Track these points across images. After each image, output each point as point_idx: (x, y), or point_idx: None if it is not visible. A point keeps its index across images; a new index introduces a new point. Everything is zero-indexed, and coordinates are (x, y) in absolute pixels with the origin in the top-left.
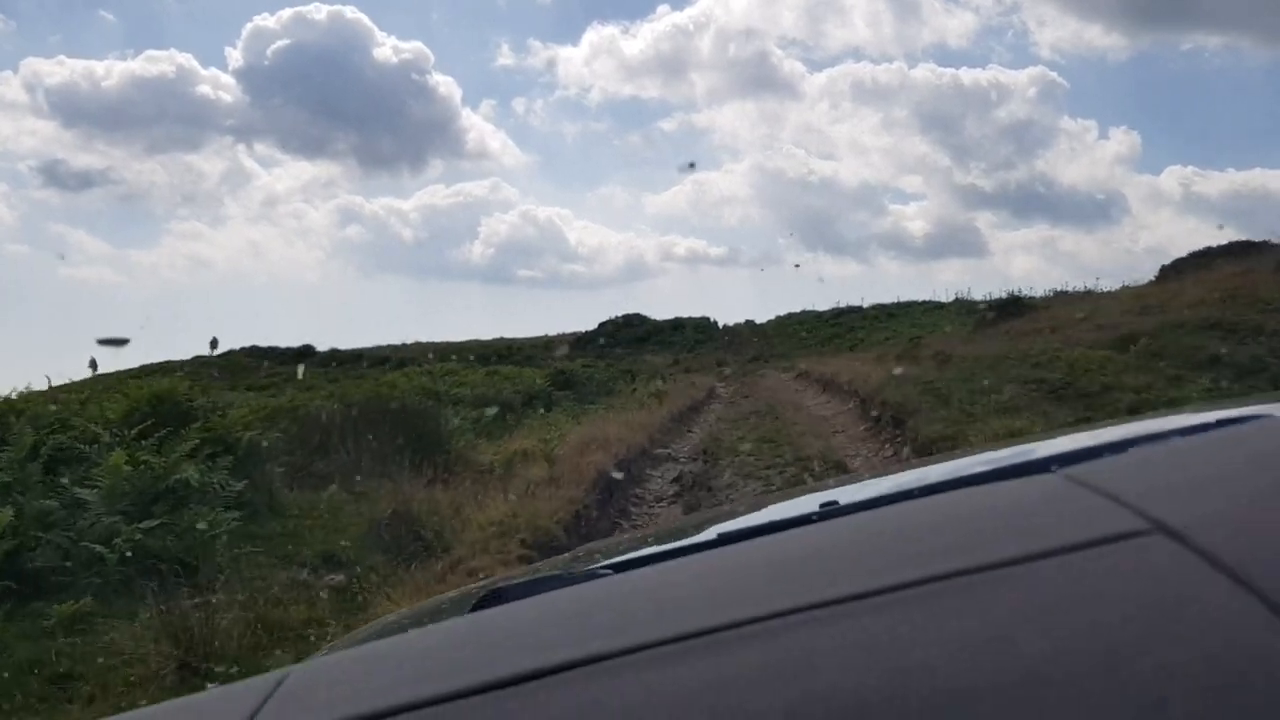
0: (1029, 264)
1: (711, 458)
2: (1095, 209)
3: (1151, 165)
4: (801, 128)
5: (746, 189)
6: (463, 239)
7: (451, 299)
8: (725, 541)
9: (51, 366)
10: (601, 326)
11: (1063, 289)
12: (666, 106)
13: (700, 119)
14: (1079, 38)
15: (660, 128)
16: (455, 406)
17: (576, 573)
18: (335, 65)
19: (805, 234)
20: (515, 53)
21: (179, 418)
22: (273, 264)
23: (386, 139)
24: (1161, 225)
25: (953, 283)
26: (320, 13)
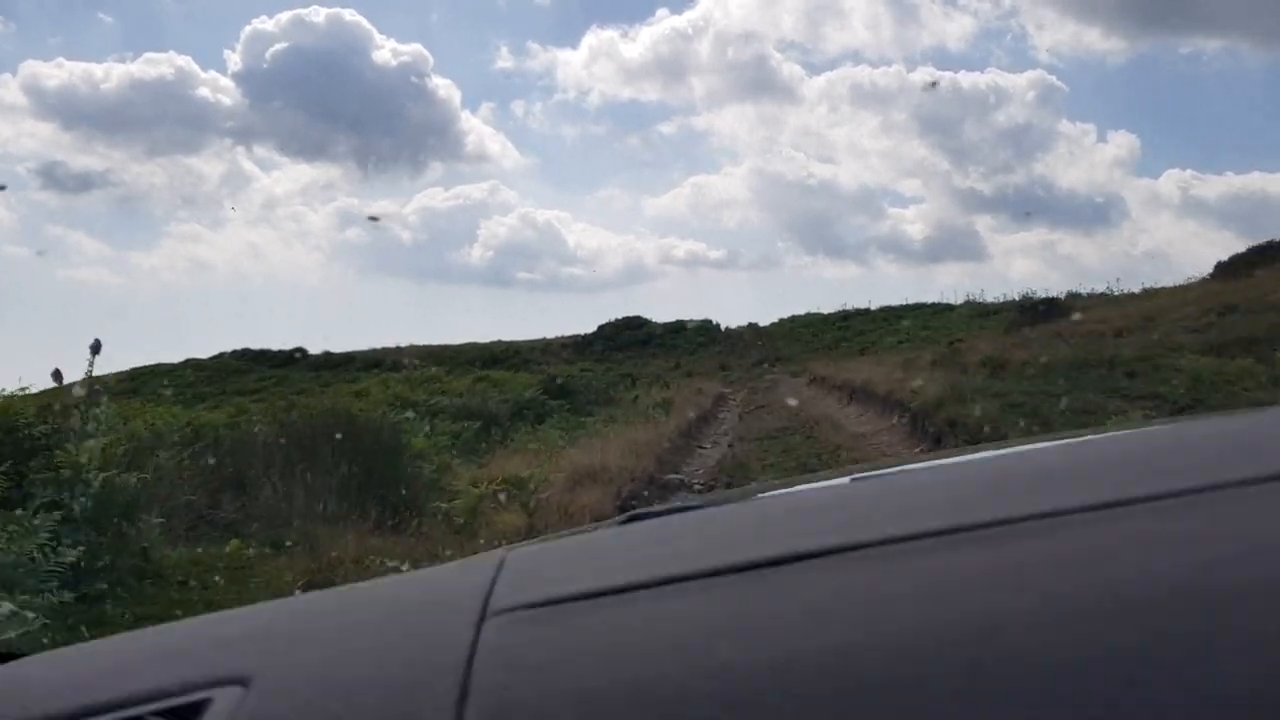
0: (1028, 267)
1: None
2: (1094, 212)
3: (1150, 169)
4: (800, 131)
5: (745, 192)
6: (462, 242)
7: (451, 302)
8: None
9: (51, 368)
10: (601, 329)
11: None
12: (666, 109)
13: (699, 122)
14: (1078, 41)
15: (659, 130)
16: (434, 420)
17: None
18: (334, 68)
19: (804, 237)
20: (514, 55)
21: (19, 452)
22: (272, 266)
23: (386, 141)
24: (1161, 229)
25: (952, 286)
26: (319, 15)
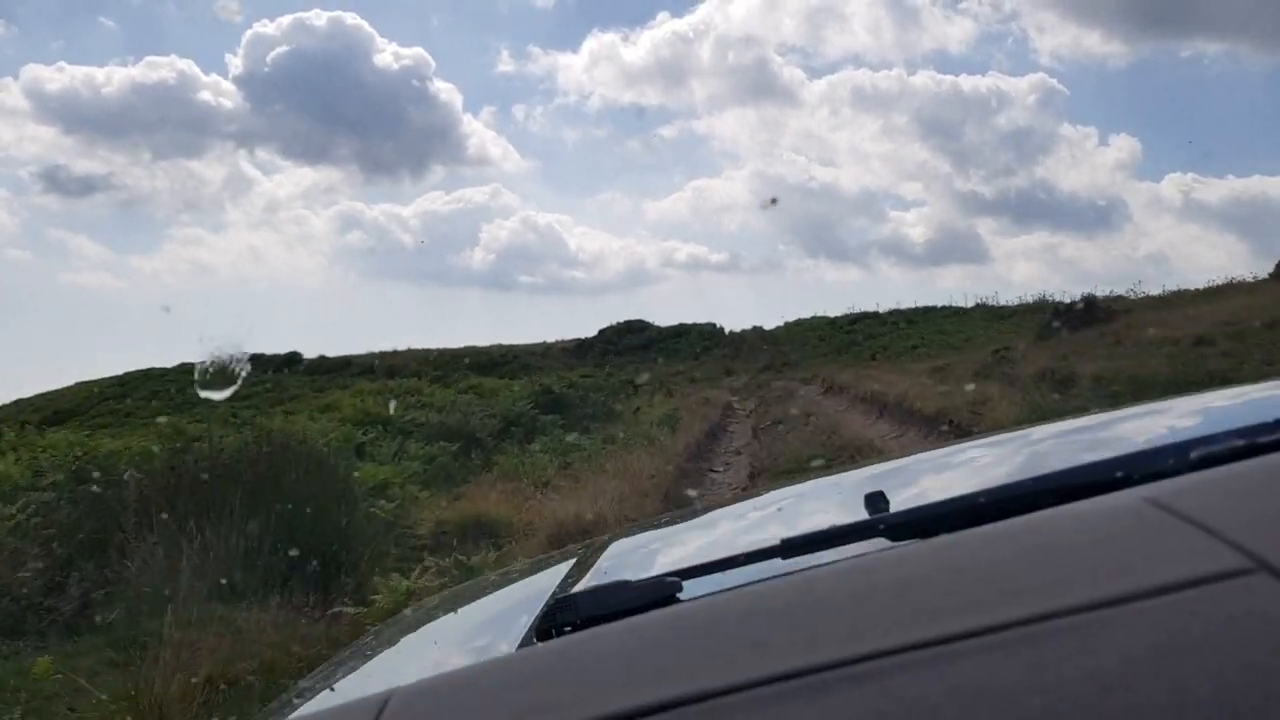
0: (1030, 270)
1: None
2: (1096, 216)
3: (1152, 172)
4: (801, 134)
5: (747, 195)
6: (463, 245)
7: (452, 305)
8: (790, 550)
9: (51, 371)
10: (602, 333)
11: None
12: (667, 113)
13: (700, 125)
14: (1078, 44)
15: (660, 134)
16: (406, 440)
17: (644, 584)
18: (336, 71)
19: (806, 240)
20: (516, 59)
21: None
22: (274, 270)
23: (388, 145)
24: (1162, 232)
25: (954, 289)
26: (320, 19)
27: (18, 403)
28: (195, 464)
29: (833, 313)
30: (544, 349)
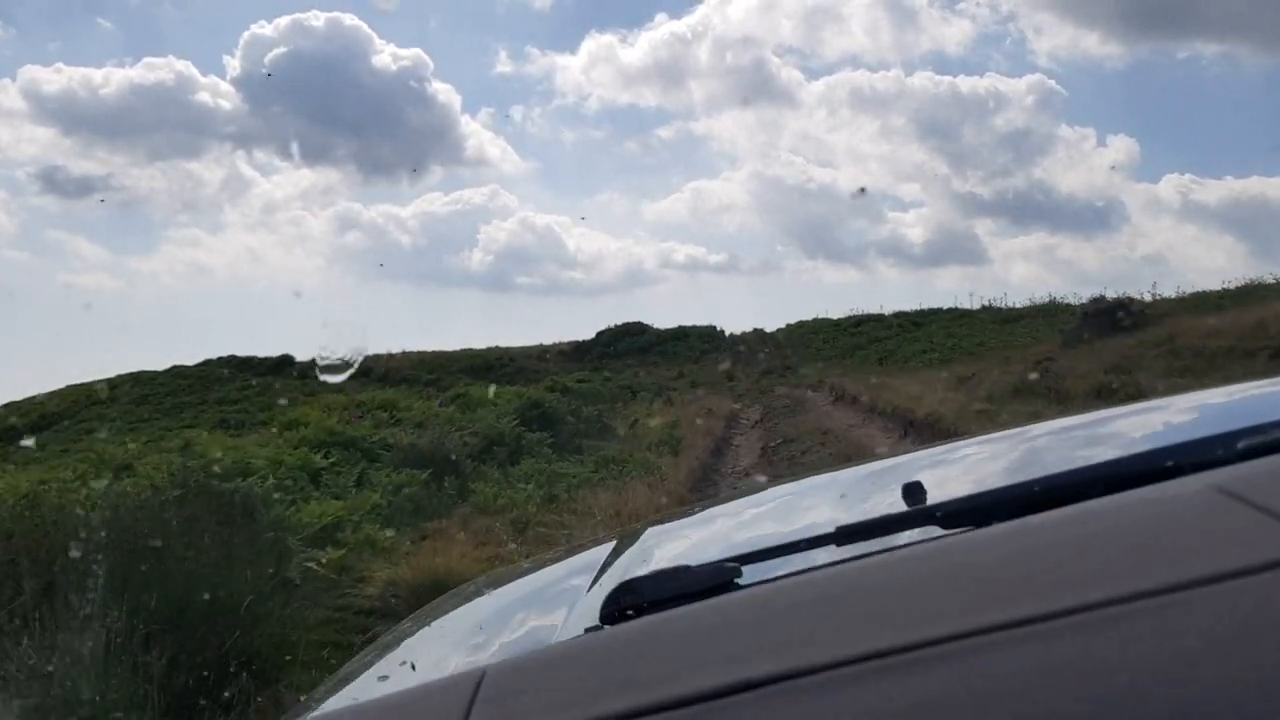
0: (1028, 271)
1: None
2: (1094, 217)
3: (1150, 173)
4: (799, 135)
5: (745, 196)
6: (462, 246)
7: (450, 306)
8: (846, 537)
9: (49, 372)
10: (600, 335)
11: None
12: (665, 114)
13: (698, 127)
14: (1076, 45)
15: (658, 135)
16: (370, 466)
17: (705, 569)
18: (334, 72)
19: (804, 241)
20: (513, 60)
21: None
22: (272, 271)
23: (386, 146)
24: (1161, 233)
25: (952, 290)
26: (318, 20)
27: (7, 405)
28: (47, 527)
29: (834, 314)
30: (540, 351)
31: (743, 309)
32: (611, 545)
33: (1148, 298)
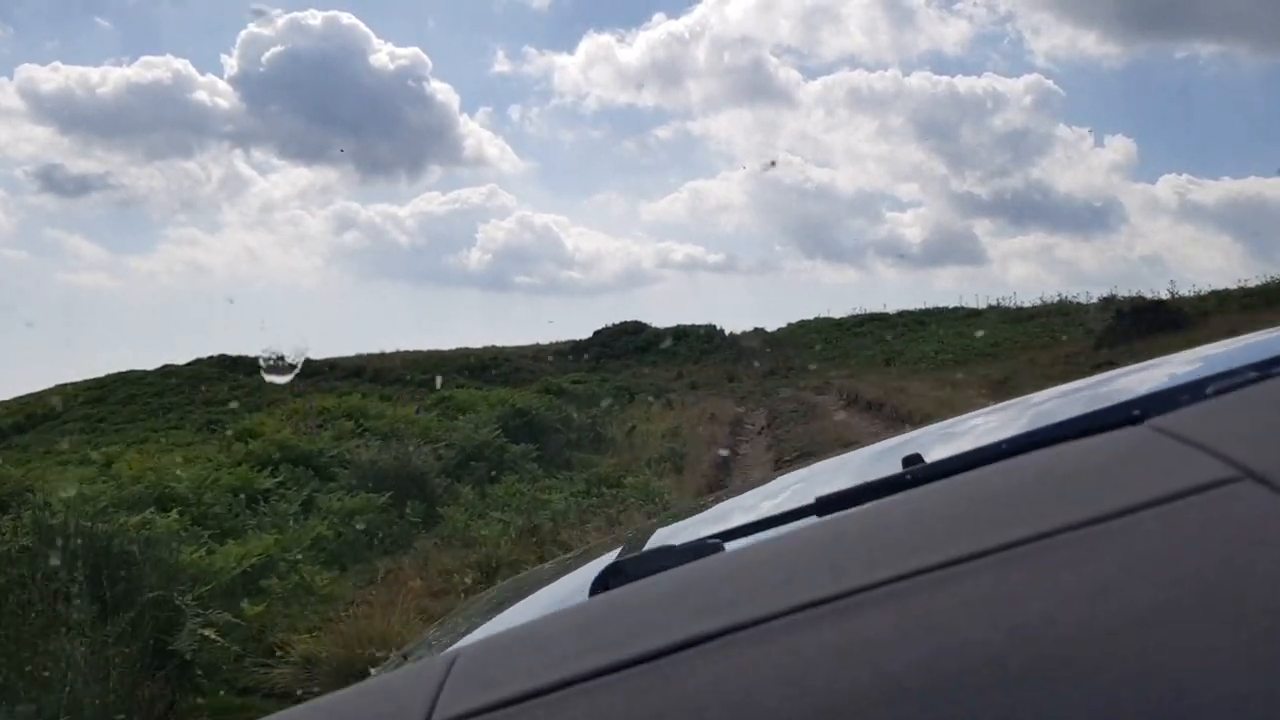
0: (1026, 271)
1: None
2: (1092, 217)
3: (1148, 173)
4: (797, 135)
5: (743, 196)
6: (460, 246)
7: (449, 306)
8: (825, 508)
9: (48, 372)
10: (597, 335)
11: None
12: (663, 114)
13: (696, 126)
14: (1074, 45)
15: (656, 135)
16: (325, 486)
17: (687, 546)
18: (332, 71)
19: (803, 241)
20: (511, 60)
21: None
22: (270, 270)
23: (384, 145)
24: (1158, 233)
25: (951, 290)
26: (316, 19)
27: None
28: None
29: (836, 313)
30: (536, 351)
31: (742, 308)
32: (623, 544)
33: (1164, 296)
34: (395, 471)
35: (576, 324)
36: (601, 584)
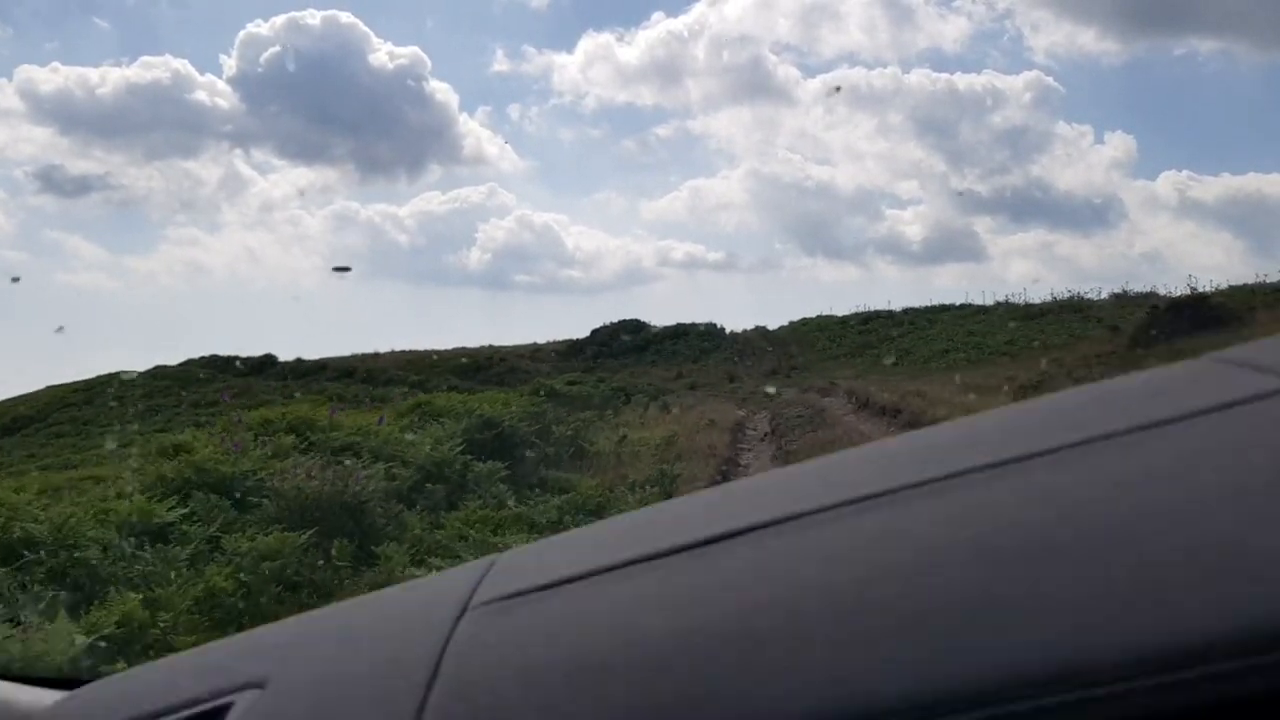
0: (1026, 268)
1: None
2: (1092, 214)
3: (1148, 170)
4: (796, 133)
5: (743, 194)
6: (460, 245)
7: (449, 305)
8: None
9: (49, 372)
10: (595, 334)
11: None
12: (662, 113)
13: (695, 125)
14: (1073, 42)
15: (656, 133)
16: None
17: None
18: (331, 71)
19: (803, 239)
20: (511, 59)
21: None
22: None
23: (383, 144)
24: (1159, 230)
25: (952, 287)
26: (315, 18)
27: None
28: None
29: (839, 311)
30: (533, 351)
31: (743, 307)
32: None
33: (1183, 292)
34: (328, 500)
35: (577, 322)
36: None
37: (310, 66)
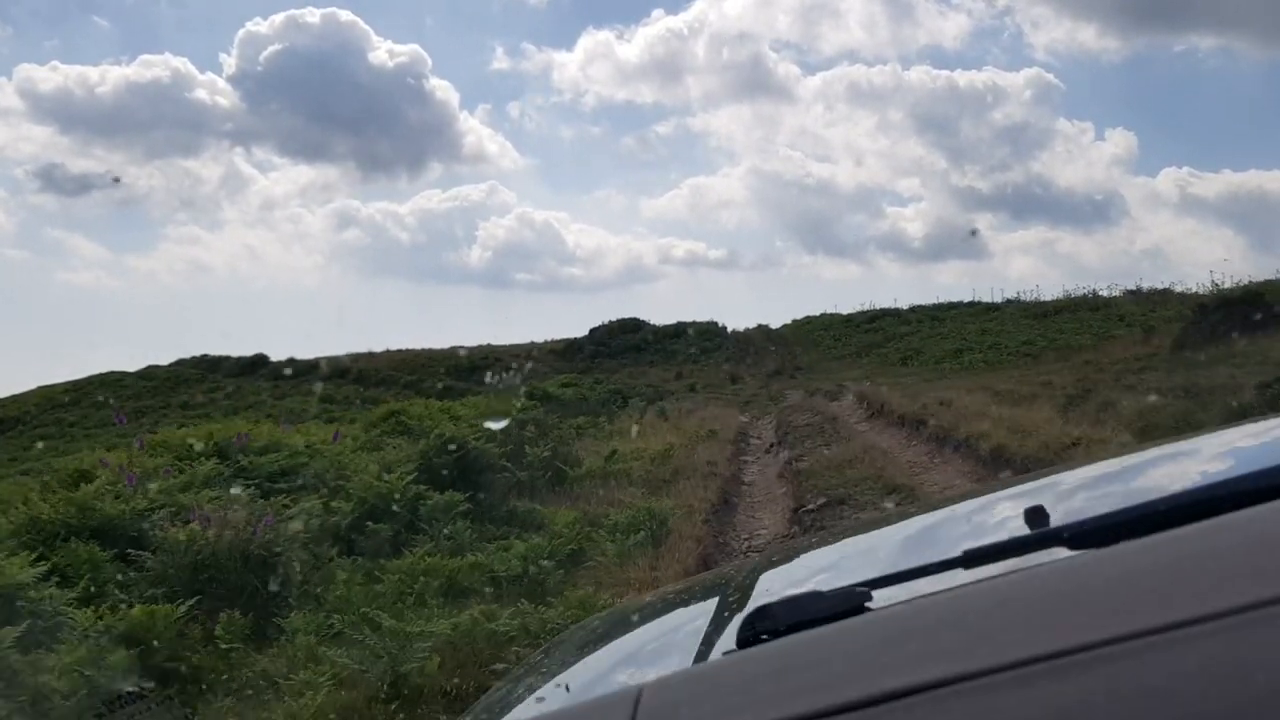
0: (1027, 265)
1: None
2: (1093, 210)
3: (1148, 167)
4: (797, 131)
5: (743, 192)
6: (460, 243)
7: (449, 303)
8: (974, 560)
9: (49, 371)
10: (593, 333)
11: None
12: (662, 110)
13: (695, 123)
14: (1073, 39)
15: (656, 131)
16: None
17: (837, 593)
18: (331, 69)
19: (804, 236)
20: (510, 57)
21: None
22: (271, 269)
23: (384, 142)
24: (1159, 227)
25: (953, 285)
26: (314, 16)
27: None
28: None
29: (842, 309)
30: (529, 350)
31: (744, 304)
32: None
33: (1202, 289)
34: (228, 552)
35: (579, 320)
36: (749, 626)
37: (310, 64)
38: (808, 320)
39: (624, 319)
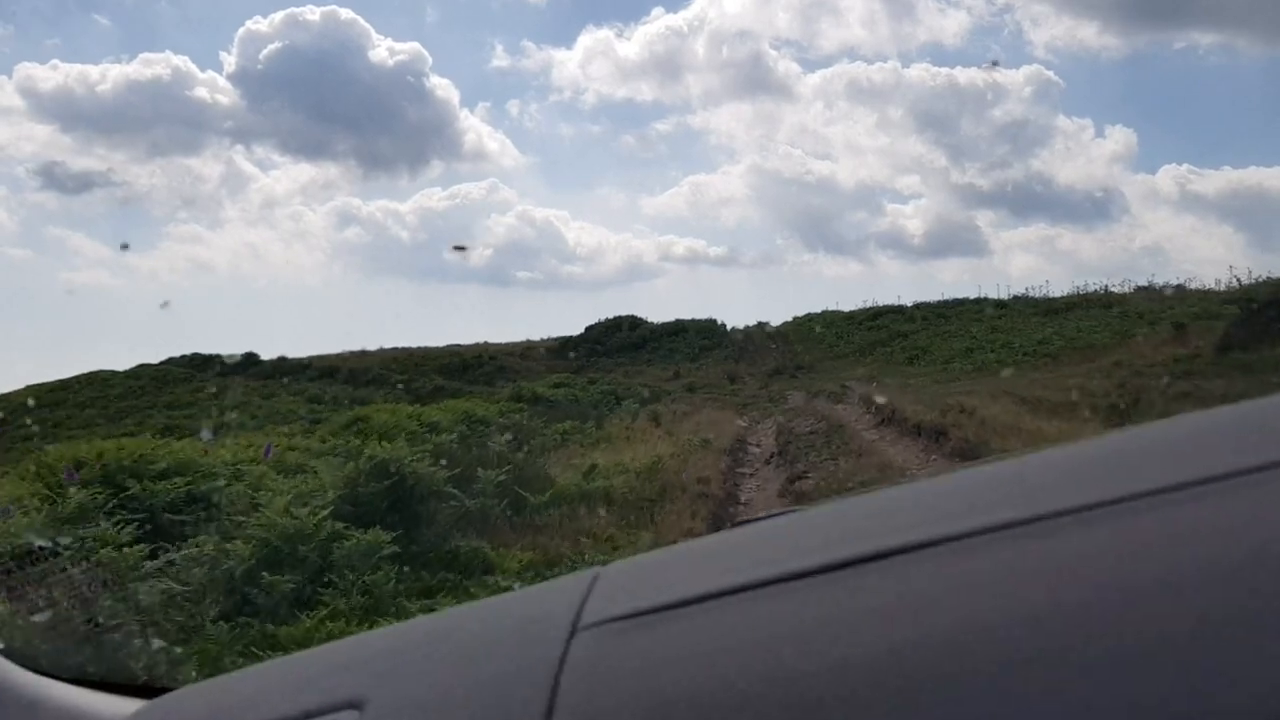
0: (1028, 262)
1: None
2: (1093, 207)
3: (1148, 164)
4: (797, 128)
5: (744, 190)
6: (461, 241)
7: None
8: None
9: (49, 370)
10: (589, 331)
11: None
12: (662, 108)
13: (696, 120)
14: (1073, 36)
15: (656, 129)
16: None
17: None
18: (332, 67)
19: (804, 234)
20: (510, 55)
21: None
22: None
23: (384, 141)
24: (1159, 224)
25: (954, 282)
26: (314, 14)
27: None
28: None
29: (843, 306)
30: (525, 349)
31: (744, 302)
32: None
33: (1219, 286)
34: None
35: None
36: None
37: (311, 62)
38: (808, 317)
39: (621, 317)
